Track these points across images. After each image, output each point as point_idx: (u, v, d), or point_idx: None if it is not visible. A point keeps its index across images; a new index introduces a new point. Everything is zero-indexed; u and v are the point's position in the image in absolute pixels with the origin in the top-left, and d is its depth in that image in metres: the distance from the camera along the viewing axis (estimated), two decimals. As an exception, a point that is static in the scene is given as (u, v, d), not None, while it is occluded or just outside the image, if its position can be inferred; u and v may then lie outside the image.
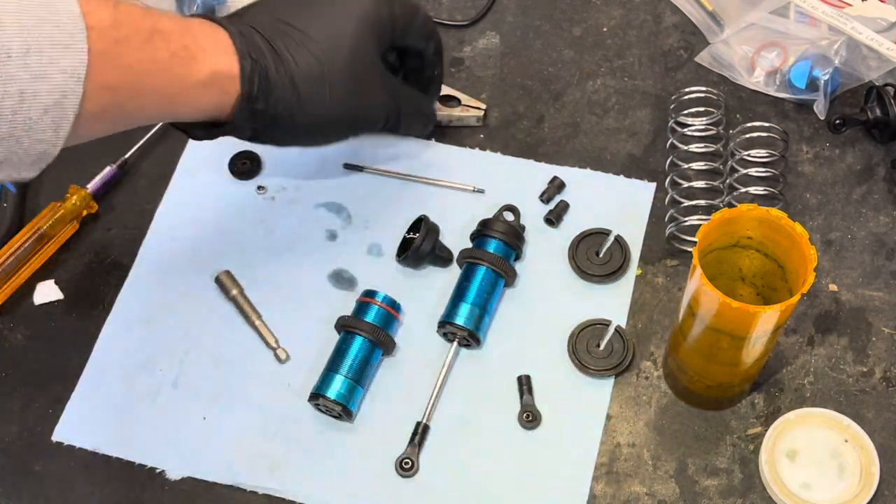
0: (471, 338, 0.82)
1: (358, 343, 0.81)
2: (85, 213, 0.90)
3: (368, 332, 0.81)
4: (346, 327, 0.82)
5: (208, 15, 0.76)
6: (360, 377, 0.80)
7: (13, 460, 0.81)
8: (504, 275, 0.84)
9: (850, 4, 1.00)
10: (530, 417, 0.80)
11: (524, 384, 0.81)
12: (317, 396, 0.79)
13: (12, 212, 0.90)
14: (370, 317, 0.82)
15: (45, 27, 0.58)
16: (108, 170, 0.93)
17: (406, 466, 0.79)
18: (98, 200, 0.92)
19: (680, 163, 0.90)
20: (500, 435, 0.80)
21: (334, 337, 0.83)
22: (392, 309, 0.83)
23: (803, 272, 0.65)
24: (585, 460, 0.79)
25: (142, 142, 0.95)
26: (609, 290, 0.86)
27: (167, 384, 0.83)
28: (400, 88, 0.85)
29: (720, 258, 0.72)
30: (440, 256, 0.86)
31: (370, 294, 0.83)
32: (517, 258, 0.87)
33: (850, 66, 0.95)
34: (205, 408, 0.82)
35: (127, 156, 0.94)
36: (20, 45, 0.56)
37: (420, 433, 0.79)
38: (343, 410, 0.79)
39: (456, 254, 0.87)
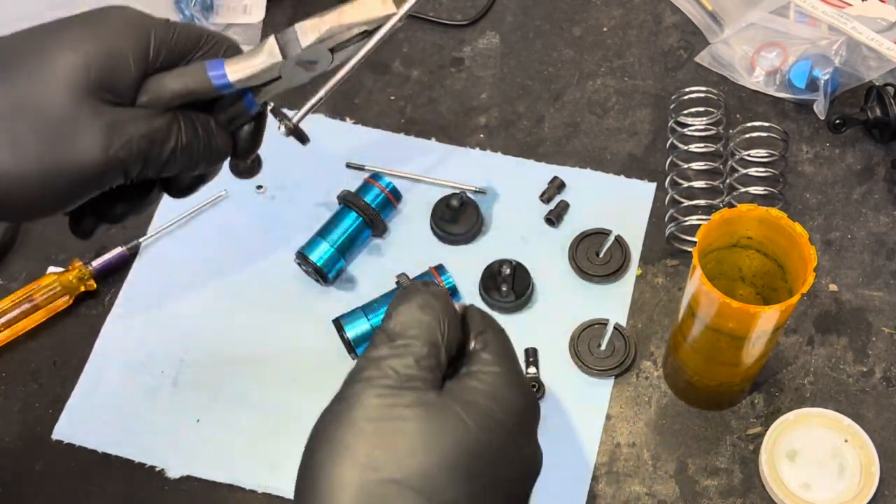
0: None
1: (350, 218, 0.87)
2: (82, 288, 0.87)
3: (362, 210, 0.87)
4: (344, 200, 0.87)
5: None
6: (345, 250, 0.87)
7: (13, 460, 0.81)
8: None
9: (850, 4, 0.99)
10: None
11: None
12: (301, 256, 0.86)
13: (4, 228, 0.90)
14: (369, 197, 0.87)
15: None
16: (117, 251, 0.88)
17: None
18: (98, 279, 0.88)
19: (680, 163, 0.90)
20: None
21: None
22: (392, 196, 0.88)
23: (803, 272, 0.65)
24: (585, 460, 0.79)
25: (159, 230, 0.90)
26: (609, 290, 0.86)
27: (167, 383, 0.83)
28: (137, 121, 0.58)
29: (720, 258, 0.72)
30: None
31: (375, 177, 0.89)
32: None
33: (850, 66, 0.95)
34: (204, 407, 0.82)
35: (141, 240, 0.90)
36: None
37: None
38: (320, 274, 0.86)
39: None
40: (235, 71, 0.58)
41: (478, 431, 0.51)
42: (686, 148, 0.91)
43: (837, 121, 0.92)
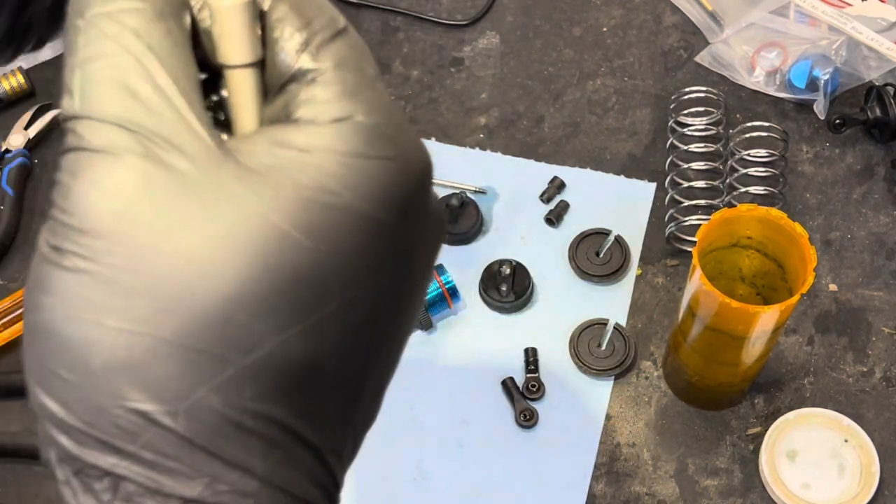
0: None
1: None
2: None
3: None
4: None
5: None
6: None
7: (13, 460, 0.81)
8: None
9: (850, 4, 0.99)
10: (527, 416, 0.80)
11: (518, 386, 0.82)
12: None
13: (9, 213, 0.90)
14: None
15: None
16: None
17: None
18: None
19: (680, 163, 0.90)
20: (500, 435, 0.80)
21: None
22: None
23: (803, 272, 0.65)
24: (585, 460, 0.79)
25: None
26: (609, 290, 0.86)
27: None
28: None
29: (720, 258, 0.72)
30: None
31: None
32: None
33: (850, 66, 0.95)
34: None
35: None
36: None
37: None
38: None
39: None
40: None
41: (318, 250, 0.27)
42: (686, 148, 0.91)
43: (837, 121, 0.92)
